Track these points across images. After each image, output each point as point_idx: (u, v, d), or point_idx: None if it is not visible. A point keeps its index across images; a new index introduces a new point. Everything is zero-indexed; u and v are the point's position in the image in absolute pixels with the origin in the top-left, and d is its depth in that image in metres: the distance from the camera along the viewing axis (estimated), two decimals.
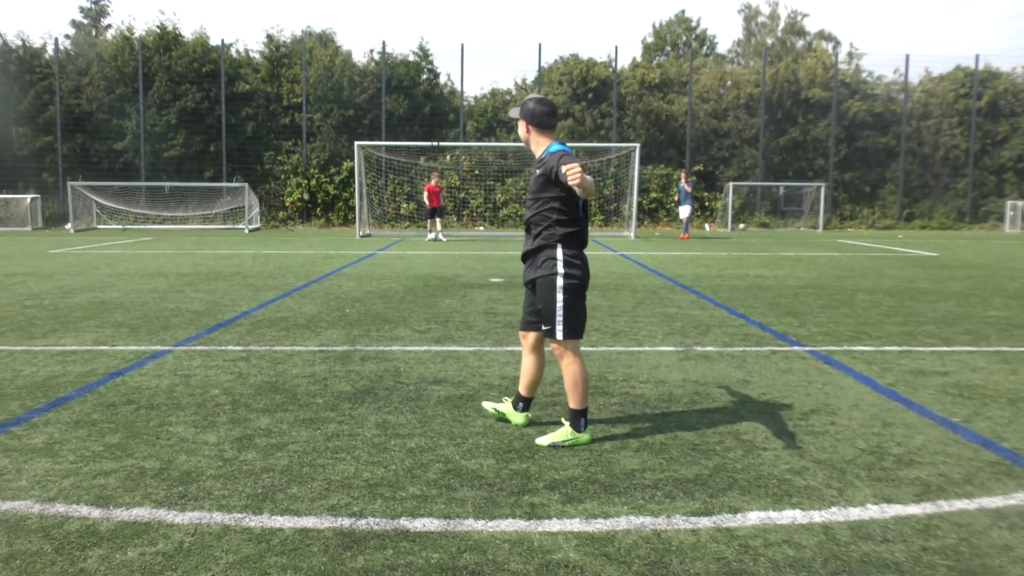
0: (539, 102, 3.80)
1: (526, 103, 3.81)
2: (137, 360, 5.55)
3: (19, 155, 26.22)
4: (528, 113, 3.78)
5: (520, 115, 3.82)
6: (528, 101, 3.82)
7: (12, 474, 3.33)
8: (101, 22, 39.08)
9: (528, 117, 3.78)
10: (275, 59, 27.06)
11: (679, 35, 40.23)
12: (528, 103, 3.81)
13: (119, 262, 13.07)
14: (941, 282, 10.52)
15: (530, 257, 3.83)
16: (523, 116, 3.79)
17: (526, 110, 3.79)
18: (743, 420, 4.15)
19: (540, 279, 3.73)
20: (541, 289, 3.73)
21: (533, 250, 3.79)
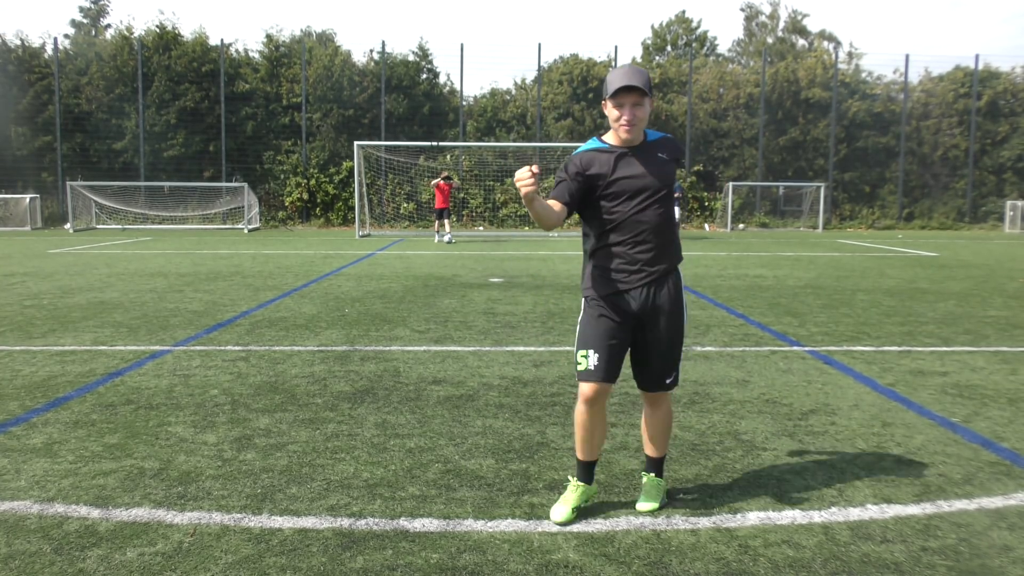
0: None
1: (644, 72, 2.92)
2: (136, 360, 5.54)
3: (18, 155, 26.21)
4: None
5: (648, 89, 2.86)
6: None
7: (11, 474, 3.32)
8: (100, 22, 39.08)
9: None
10: (274, 59, 27.05)
11: (679, 35, 40.23)
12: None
13: (118, 262, 13.07)
14: (941, 282, 10.52)
15: (658, 280, 2.93)
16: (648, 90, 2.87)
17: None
18: (743, 420, 4.15)
19: (671, 307, 2.93)
20: (672, 320, 2.93)
21: (665, 271, 2.94)
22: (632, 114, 2.81)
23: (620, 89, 2.78)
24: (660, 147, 2.97)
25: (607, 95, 2.84)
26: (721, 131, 27.71)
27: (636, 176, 2.89)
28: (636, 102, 2.79)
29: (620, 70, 2.84)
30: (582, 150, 2.97)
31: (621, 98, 2.80)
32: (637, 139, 2.91)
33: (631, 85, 2.76)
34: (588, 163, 2.90)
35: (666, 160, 2.96)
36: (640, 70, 2.84)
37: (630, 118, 2.81)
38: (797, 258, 14.48)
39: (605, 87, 2.87)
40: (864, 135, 27.54)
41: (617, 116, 2.84)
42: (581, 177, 2.89)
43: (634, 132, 2.85)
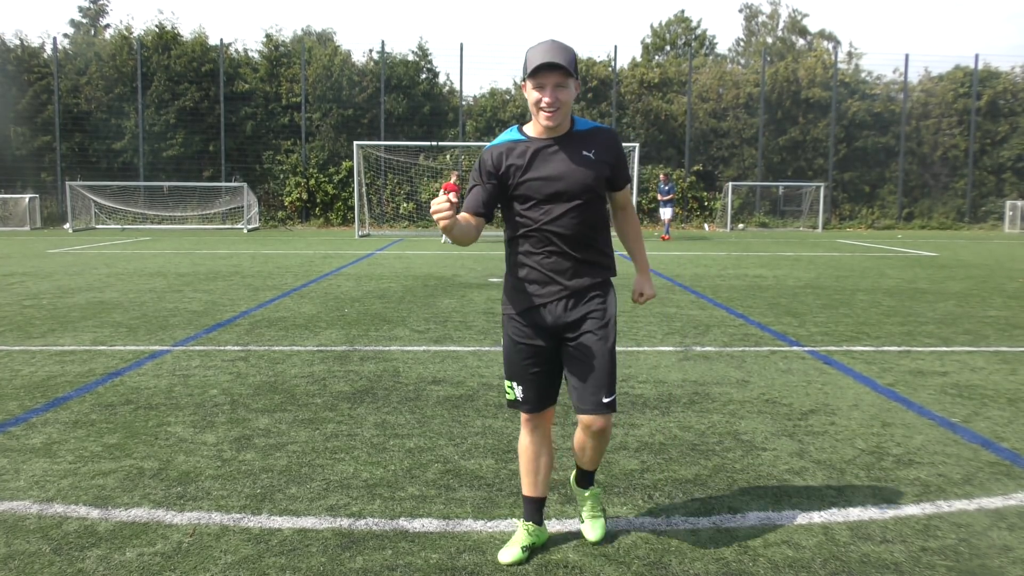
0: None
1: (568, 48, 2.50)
2: (136, 360, 5.54)
3: (17, 155, 26.19)
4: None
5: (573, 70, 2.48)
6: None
7: (10, 474, 3.32)
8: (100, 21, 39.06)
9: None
10: (274, 58, 27.04)
11: (678, 34, 40.23)
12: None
13: (118, 262, 13.06)
14: (940, 282, 10.52)
15: (578, 294, 2.56)
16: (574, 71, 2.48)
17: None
18: (742, 420, 4.15)
19: (594, 325, 2.54)
20: (597, 338, 2.53)
21: (588, 285, 2.58)
22: (554, 96, 2.41)
23: (540, 67, 2.39)
24: (589, 141, 2.54)
25: (525, 74, 2.44)
26: (721, 131, 27.71)
27: (550, 178, 2.49)
28: (559, 83, 2.40)
29: (540, 46, 2.44)
30: (496, 143, 2.57)
31: (541, 78, 2.41)
32: (561, 127, 2.51)
33: (552, 63, 2.38)
34: (501, 159, 2.52)
35: (593, 160, 2.51)
36: (563, 46, 2.45)
37: (551, 100, 2.41)
38: (797, 258, 14.48)
39: (524, 65, 2.47)
40: (864, 135, 27.54)
41: (536, 99, 2.43)
42: (495, 179, 2.52)
43: (556, 118, 2.44)
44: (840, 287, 9.88)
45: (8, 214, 24.62)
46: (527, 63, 2.43)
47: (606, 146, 2.57)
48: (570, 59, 2.44)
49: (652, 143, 27.12)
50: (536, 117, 2.48)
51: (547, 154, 2.51)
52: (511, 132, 2.60)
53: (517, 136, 2.57)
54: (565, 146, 2.52)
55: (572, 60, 2.45)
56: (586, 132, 2.57)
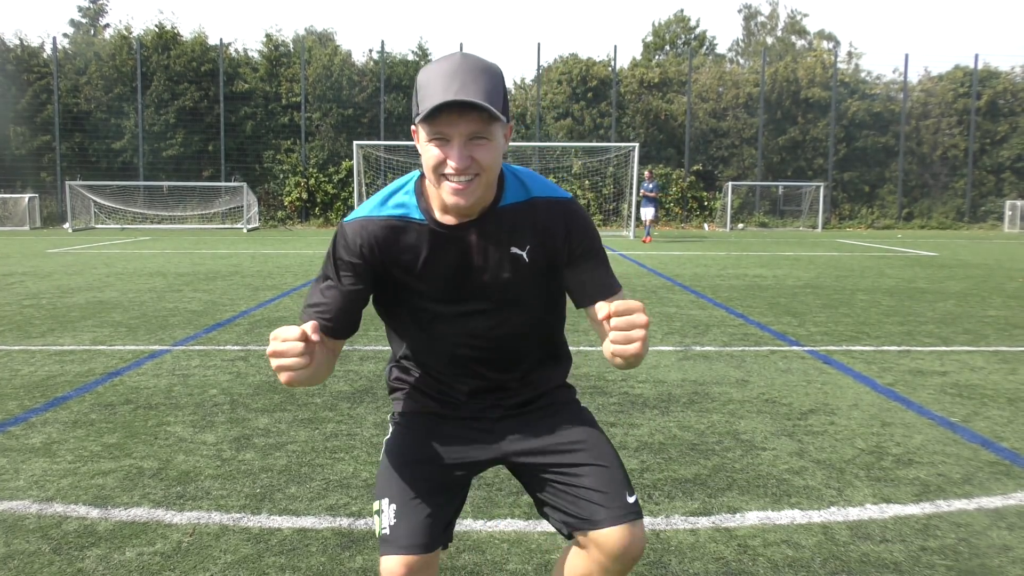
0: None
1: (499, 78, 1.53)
2: (135, 360, 5.54)
3: (17, 154, 26.18)
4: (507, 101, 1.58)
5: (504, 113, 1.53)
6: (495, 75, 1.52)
7: (10, 474, 3.32)
8: (99, 21, 39.07)
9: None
10: (274, 58, 27.04)
11: (678, 34, 40.23)
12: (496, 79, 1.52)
13: (117, 262, 13.06)
14: (940, 282, 10.52)
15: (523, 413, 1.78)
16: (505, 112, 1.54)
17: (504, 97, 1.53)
18: (742, 420, 4.15)
19: (573, 437, 1.74)
20: (595, 437, 1.75)
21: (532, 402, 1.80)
22: (465, 156, 1.46)
23: (441, 107, 1.42)
24: (523, 225, 1.60)
25: (416, 115, 1.48)
26: (720, 131, 27.71)
27: (455, 288, 1.63)
28: (476, 133, 1.45)
29: (441, 67, 1.47)
30: (368, 214, 1.63)
31: (442, 125, 1.45)
32: (477, 206, 1.55)
33: (462, 101, 1.41)
34: (373, 246, 1.60)
35: (526, 262, 1.61)
36: (482, 67, 1.48)
37: (461, 164, 1.45)
38: (796, 258, 14.48)
39: (414, 98, 1.51)
40: (863, 135, 27.54)
41: (436, 159, 1.47)
42: (361, 275, 1.62)
43: (470, 194, 1.49)
44: (840, 287, 9.88)
45: (8, 214, 24.61)
46: (418, 96, 1.48)
47: (552, 234, 1.61)
48: (493, 90, 1.46)
49: (652, 143, 27.12)
50: (436, 187, 1.51)
51: (452, 248, 1.59)
52: (401, 193, 1.64)
53: (409, 209, 1.61)
54: (483, 234, 1.59)
55: (498, 92, 1.47)
56: (521, 208, 1.61)
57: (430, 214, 1.61)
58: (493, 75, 1.49)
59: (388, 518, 1.62)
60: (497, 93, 1.48)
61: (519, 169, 1.69)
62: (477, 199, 1.53)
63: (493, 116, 1.46)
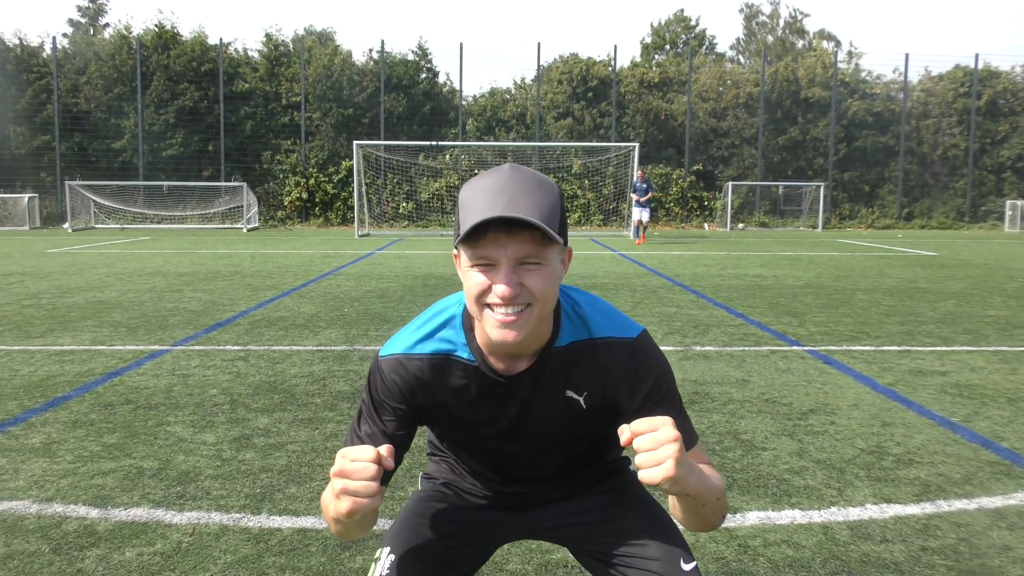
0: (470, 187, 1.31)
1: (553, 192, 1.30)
2: (135, 360, 5.54)
3: (17, 154, 26.18)
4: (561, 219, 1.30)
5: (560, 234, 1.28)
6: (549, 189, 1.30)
7: (10, 474, 3.32)
8: (99, 21, 39.03)
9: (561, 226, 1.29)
10: (274, 58, 27.04)
11: (678, 34, 40.23)
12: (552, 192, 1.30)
13: (117, 261, 13.06)
14: (940, 282, 10.52)
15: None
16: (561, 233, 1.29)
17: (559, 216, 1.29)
18: (742, 420, 4.15)
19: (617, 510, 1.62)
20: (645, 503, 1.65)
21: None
22: (512, 284, 1.24)
23: (486, 225, 1.22)
24: (579, 368, 1.41)
25: (459, 234, 1.25)
26: (721, 130, 27.71)
27: (506, 442, 1.49)
28: (527, 256, 1.24)
29: (486, 181, 1.28)
30: (402, 355, 1.43)
31: (487, 246, 1.24)
32: (529, 343, 1.35)
33: (512, 217, 1.20)
34: (414, 387, 1.42)
35: (583, 411, 1.44)
36: (537, 182, 1.27)
37: (510, 292, 1.24)
38: (797, 258, 14.48)
39: (456, 218, 1.29)
40: (864, 135, 27.54)
41: (480, 287, 1.26)
42: (397, 419, 1.44)
43: (522, 328, 1.27)
44: (840, 287, 9.88)
45: (7, 214, 24.61)
46: (459, 214, 1.27)
47: (615, 380, 1.40)
48: (549, 207, 1.25)
49: (652, 143, 27.12)
50: (479, 319, 1.30)
51: (503, 396, 1.42)
52: (448, 329, 1.43)
53: (456, 347, 1.42)
54: (536, 383, 1.40)
55: (554, 209, 1.26)
56: (578, 350, 1.40)
57: (480, 355, 1.40)
58: (548, 190, 1.28)
59: (383, 567, 1.48)
60: (553, 211, 1.26)
61: (579, 297, 1.46)
62: (528, 334, 1.29)
63: (548, 237, 1.23)
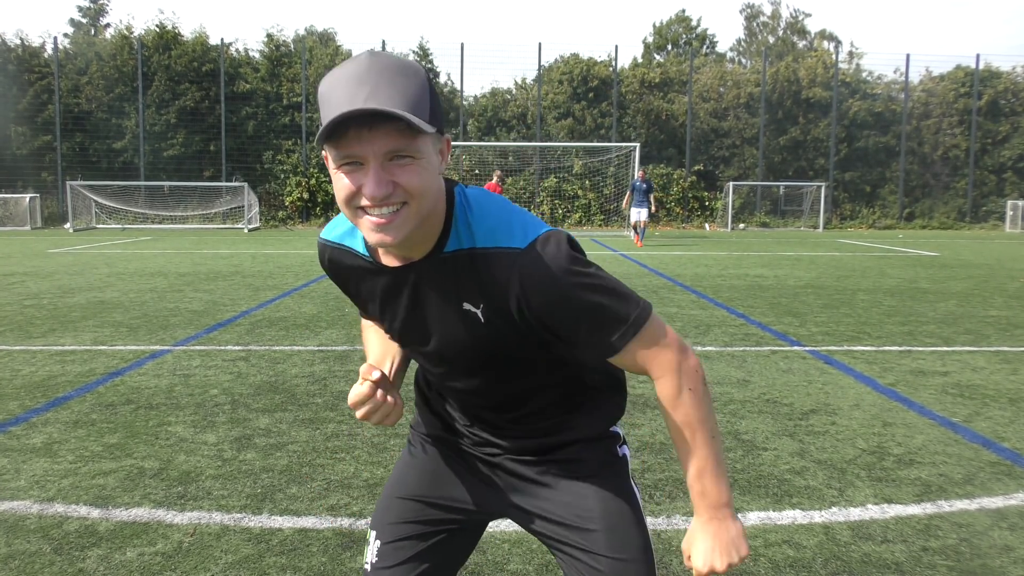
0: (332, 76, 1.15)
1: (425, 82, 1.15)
2: (136, 360, 5.54)
3: (18, 154, 26.20)
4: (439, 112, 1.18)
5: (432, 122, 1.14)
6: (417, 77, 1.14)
7: (11, 474, 3.32)
8: (100, 21, 39.09)
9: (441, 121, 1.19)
10: (275, 58, 27.06)
11: (679, 34, 40.23)
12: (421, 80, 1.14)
13: (118, 262, 13.07)
14: (942, 282, 10.51)
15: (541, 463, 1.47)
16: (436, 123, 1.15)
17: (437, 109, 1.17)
18: (743, 420, 4.15)
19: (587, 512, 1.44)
20: (618, 516, 1.48)
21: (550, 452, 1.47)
22: (381, 184, 1.12)
23: (346, 121, 1.09)
24: (467, 279, 1.25)
25: (321, 133, 1.12)
26: (722, 131, 27.71)
27: (413, 338, 1.37)
28: (396, 150, 1.12)
29: (344, 72, 1.13)
30: (322, 239, 1.45)
31: (350, 143, 1.11)
32: (414, 243, 1.24)
33: (373, 110, 1.07)
34: (338, 275, 1.44)
35: (481, 322, 1.26)
36: (400, 68, 1.13)
37: (378, 193, 1.12)
38: (797, 258, 14.47)
39: (320, 116, 1.17)
40: (865, 135, 27.53)
41: (348, 190, 1.15)
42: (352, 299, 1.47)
43: (396, 232, 1.16)
44: (841, 287, 9.87)
45: (9, 214, 24.63)
46: (321, 110, 1.15)
47: (503, 295, 1.22)
48: (416, 95, 1.12)
49: (653, 143, 27.12)
50: (357, 225, 1.19)
51: (398, 293, 1.32)
52: (343, 231, 1.40)
53: (356, 239, 1.36)
54: (425, 280, 1.28)
55: (422, 96, 1.13)
56: (462, 259, 1.24)
57: (373, 251, 1.33)
58: (413, 74, 1.13)
59: (371, 553, 1.48)
60: (421, 97, 1.12)
61: (476, 201, 1.27)
62: (407, 234, 1.17)
63: (417, 128, 1.09)
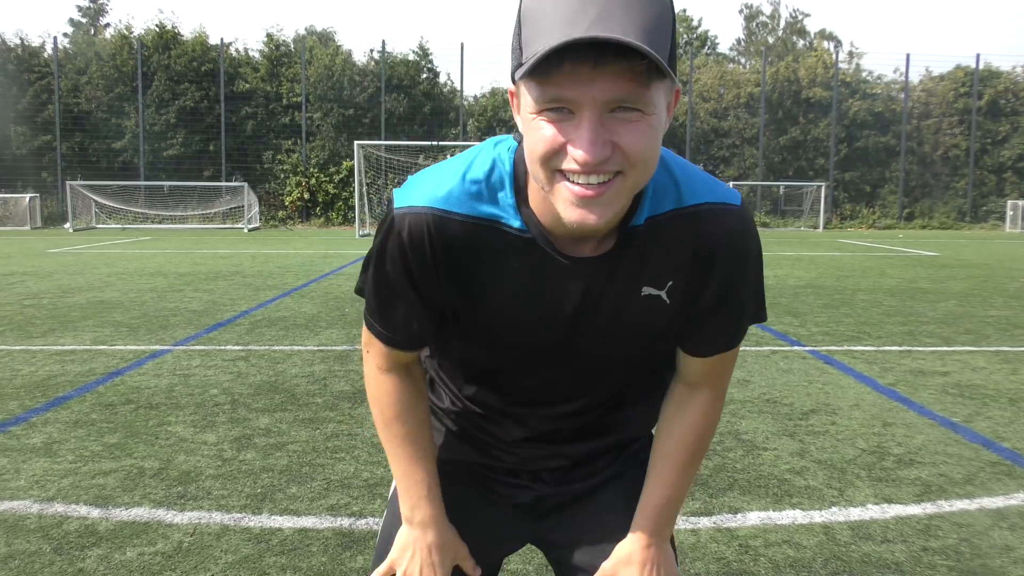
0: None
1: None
2: (136, 360, 5.54)
3: (18, 154, 26.21)
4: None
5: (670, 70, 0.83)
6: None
7: (11, 474, 3.32)
8: (100, 21, 39.08)
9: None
10: (275, 58, 27.06)
11: (680, 34, 40.24)
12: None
13: (118, 261, 13.06)
14: (941, 282, 10.51)
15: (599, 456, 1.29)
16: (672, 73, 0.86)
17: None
18: (743, 420, 4.15)
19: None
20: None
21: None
22: (600, 145, 0.84)
23: (563, 52, 0.80)
24: (670, 248, 1.04)
25: (517, 64, 0.88)
26: (722, 130, 27.72)
27: (560, 336, 1.10)
28: (623, 99, 0.84)
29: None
30: (440, 210, 1.01)
31: (564, 83, 0.83)
32: (613, 224, 0.98)
33: (605, 39, 0.78)
34: (449, 260, 1.04)
35: (665, 304, 1.07)
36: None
37: (593, 157, 0.84)
38: (797, 258, 14.47)
39: (515, 37, 0.90)
40: (865, 135, 27.54)
41: (549, 145, 0.87)
42: (428, 288, 1.07)
43: (605, 210, 0.90)
44: (841, 287, 9.87)
45: (8, 214, 24.63)
46: (521, 33, 0.89)
47: (711, 261, 1.05)
48: (657, 25, 0.84)
49: None
50: (546, 188, 0.92)
51: (565, 285, 1.04)
52: (494, 187, 1.03)
53: (503, 211, 1.03)
54: (613, 269, 1.04)
55: (665, 29, 0.85)
56: (667, 224, 1.03)
57: (538, 227, 1.01)
58: (657, 5, 0.84)
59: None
60: (664, 28, 0.85)
61: (665, 152, 1.04)
62: (615, 214, 0.92)
63: (656, 70, 0.82)
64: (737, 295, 1.09)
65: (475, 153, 1.07)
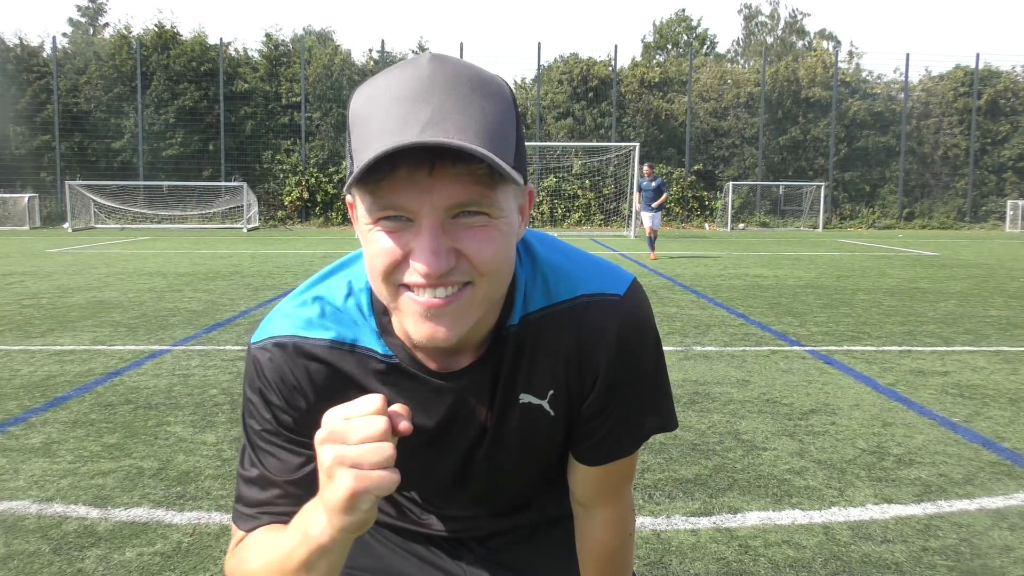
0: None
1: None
2: (135, 360, 5.54)
3: (16, 154, 26.19)
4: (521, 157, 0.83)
5: (520, 172, 0.80)
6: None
7: (10, 474, 3.32)
8: (99, 21, 39.07)
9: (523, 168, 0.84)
10: (274, 58, 27.06)
11: (679, 34, 40.23)
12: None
13: (117, 261, 13.06)
14: (941, 282, 10.51)
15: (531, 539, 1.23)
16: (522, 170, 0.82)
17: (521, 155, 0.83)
18: (743, 420, 4.15)
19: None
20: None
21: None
22: (440, 255, 0.78)
23: (393, 158, 0.74)
24: (548, 351, 0.96)
25: (352, 171, 0.78)
26: (721, 130, 27.72)
27: (435, 463, 1.04)
28: (464, 204, 0.78)
29: (397, 82, 0.78)
30: (288, 337, 1.04)
31: (397, 191, 0.77)
32: (470, 338, 0.91)
33: (438, 145, 0.72)
34: (308, 394, 0.97)
35: (543, 413, 0.99)
36: (476, 82, 0.78)
37: (434, 268, 0.78)
38: (797, 258, 14.47)
39: (348, 138, 0.81)
40: (864, 134, 27.54)
41: (388, 259, 0.80)
42: (290, 430, 0.97)
43: (455, 325, 0.83)
44: (841, 287, 9.87)
45: (7, 213, 24.61)
46: (354, 137, 0.80)
47: (592, 361, 0.97)
48: (497, 124, 0.78)
49: (652, 143, 27.12)
50: (390, 304, 0.86)
51: (441, 405, 0.98)
52: (349, 306, 1.01)
53: (360, 332, 0.98)
54: (492, 375, 0.97)
55: (507, 127, 0.80)
56: (540, 324, 0.96)
57: (402, 349, 0.95)
58: (496, 93, 0.80)
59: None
60: (506, 128, 0.79)
61: (532, 240, 1.00)
62: (468, 327, 0.85)
63: (498, 174, 0.77)
64: (626, 398, 1.00)
65: (325, 276, 1.04)
